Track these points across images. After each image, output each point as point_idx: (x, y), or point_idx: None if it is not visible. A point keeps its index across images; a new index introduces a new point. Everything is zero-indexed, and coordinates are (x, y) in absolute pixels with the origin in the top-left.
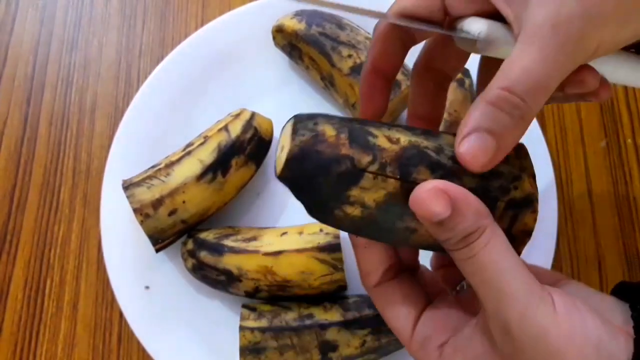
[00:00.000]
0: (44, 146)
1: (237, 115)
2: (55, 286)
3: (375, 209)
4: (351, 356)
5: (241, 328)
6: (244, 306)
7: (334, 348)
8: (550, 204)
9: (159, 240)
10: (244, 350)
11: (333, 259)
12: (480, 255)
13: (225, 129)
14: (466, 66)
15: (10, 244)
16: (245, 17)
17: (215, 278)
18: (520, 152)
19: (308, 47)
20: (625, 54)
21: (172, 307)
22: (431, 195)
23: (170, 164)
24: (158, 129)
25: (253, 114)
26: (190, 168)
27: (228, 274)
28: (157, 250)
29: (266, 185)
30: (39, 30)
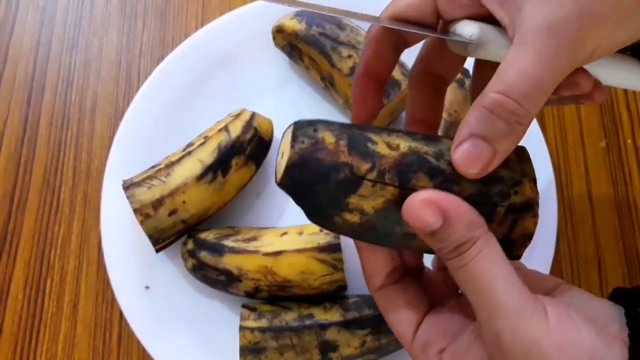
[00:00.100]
0: (44, 146)
1: (237, 116)
2: (55, 286)
3: (374, 216)
4: (351, 356)
5: (241, 328)
6: (244, 306)
7: (334, 348)
8: (550, 205)
9: (159, 240)
10: (244, 350)
11: (333, 259)
12: (471, 265)
13: (225, 129)
14: (466, 66)
15: (11, 244)
16: (245, 18)
17: (215, 278)
18: (522, 156)
19: (308, 48)
20: (620, 57)
21: (172, 307)
22: (422, 206)
23: (171, 164)
24: (158, 129)
25: (253, 114)
26: (190, 168)
27: (228, 274)
28: (157, 251)
29: (266, 185)
30: (39, 30)
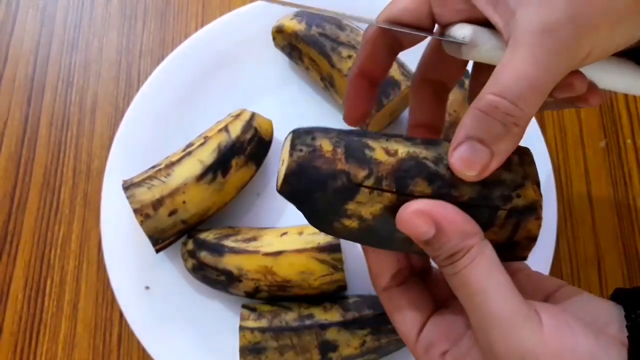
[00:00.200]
0: (45, 146)
1: (237, 116)
2: (55, 286)
3: (373, 222)
4: (351, 356)
5: (241, 328)
6: (244, 306)
7: (334, 348)
8: (550, 205)
9: (159, 240)
10: (244, 350)
11: (333, 259)
12: (464, 273)
13: (225, 129)
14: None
15: (11, 244)
16: (245, 18)
17: (215, 278)
18: (525, 159)
19: (308, 48)
20: (618, 60)
21: (172, 307)
22: (413, 217)
23: (171, 165)
24: (158, 130)
25: (253, 115)
26: (190, 168)
27: (228, 274)
28: (157, 251)
29: (266, 185)
30: (40, 30)
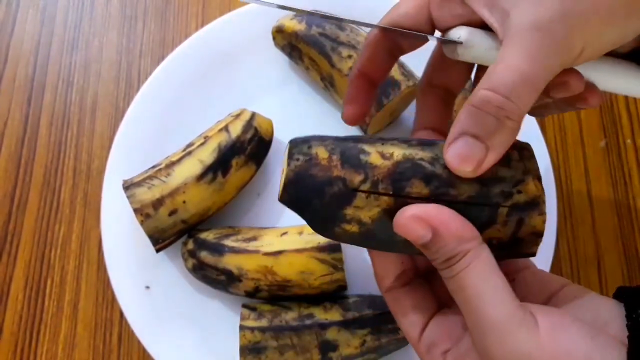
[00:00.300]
0: (45, 146)
1: (238, 116)
2: (55, 286)
3: (373, 225)
4: (351, 356)
5: (241, 328)
6: (244, 306)
7: (334, 348)
8: (550, 204)
9: (159, 240)
10: (244, 350)
11: (333, 258)
12: (460, 276)
13: (225, 129)
14: None
15: (11, 244)
16: (245, 18)
17: (215, 278)
18: (525, 154)
19: (308, 48)
20: (618, 62)
21: (173, 307)
22: (410, 221)
23: (171, 164)
24: (158, 129)
25: (253, 114)
26: (190, 168)
27: (228, 273)
28: (158, 251)
29: (266, 185)
30: (40, 30)
